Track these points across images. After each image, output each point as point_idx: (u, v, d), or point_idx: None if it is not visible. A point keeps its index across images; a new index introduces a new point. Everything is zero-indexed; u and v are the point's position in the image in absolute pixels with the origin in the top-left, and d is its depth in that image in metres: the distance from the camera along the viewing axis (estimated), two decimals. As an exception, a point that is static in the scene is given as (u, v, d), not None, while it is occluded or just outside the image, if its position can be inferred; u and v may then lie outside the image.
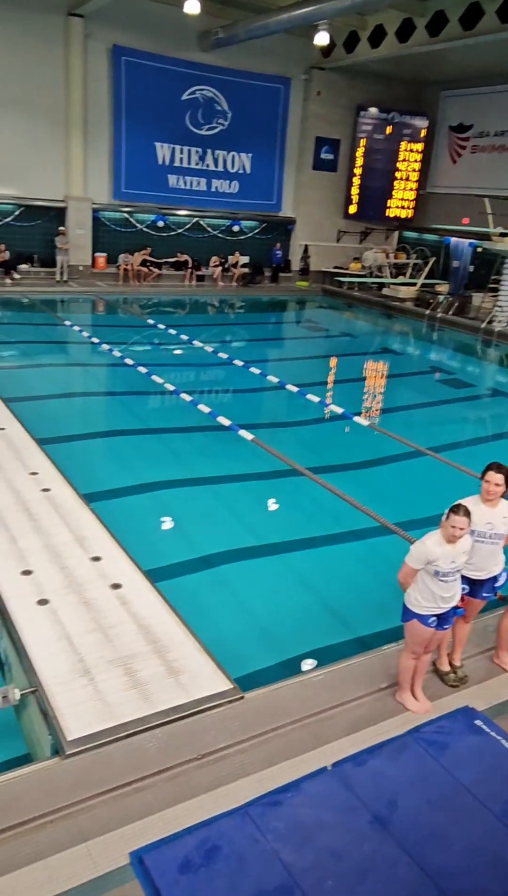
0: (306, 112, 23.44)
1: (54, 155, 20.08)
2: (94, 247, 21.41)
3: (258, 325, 19.99)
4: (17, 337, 15.56)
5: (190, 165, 22.24)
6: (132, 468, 8.55)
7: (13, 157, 19.44)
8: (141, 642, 4.34)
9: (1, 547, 5.30)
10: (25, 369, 12.99)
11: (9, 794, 3.25)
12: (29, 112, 19.32)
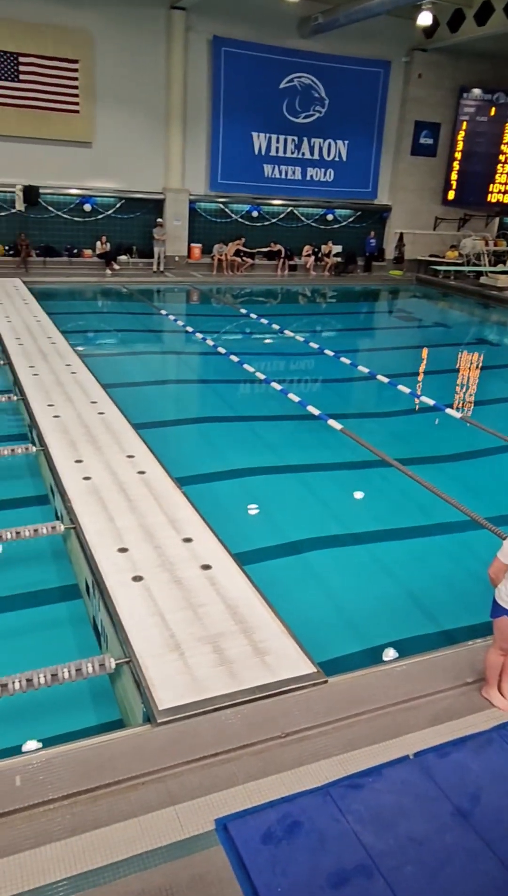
0: (405, 96, 22.93)
1: (155, 148, 20.56)
2: (189, 237, 21.83)
3: (350, 315, 19.82)
4: (116, 325, 16.14)
5: (286, 154, 22.24)
6: (222, 454, 8.74)
7: (116, 152, 20.05)
8: (229, 622, 4.48)
9: (100, 525, 5.58)
10: (123, 357, 13.48)
11: (106, 754, 3.47)
12: (132, 107, 19.85)
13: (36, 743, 4.02)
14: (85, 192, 20.39)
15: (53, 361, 10.49)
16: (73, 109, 19.29)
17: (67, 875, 2.88)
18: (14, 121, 18.83)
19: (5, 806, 3.14)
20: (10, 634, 5.23)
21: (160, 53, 19.74)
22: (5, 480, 7.58)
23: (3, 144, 18.97)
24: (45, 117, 19.08)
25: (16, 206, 19.57)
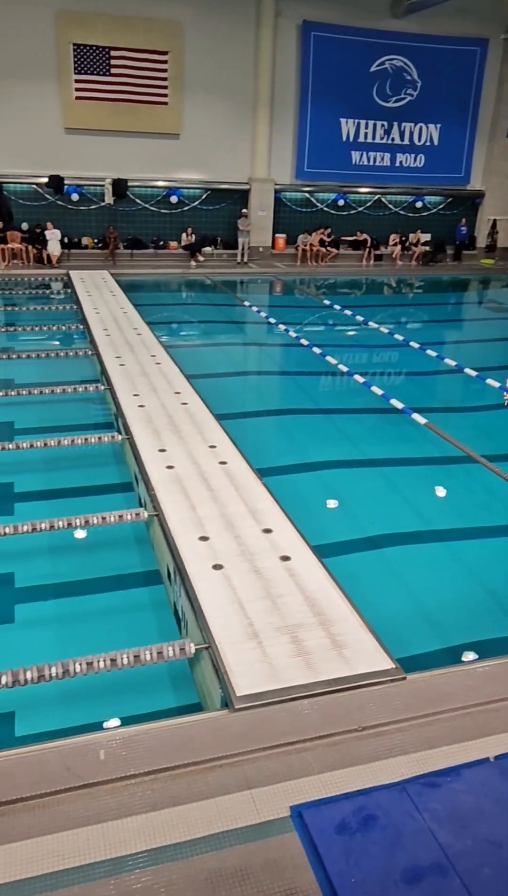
0: (503, 75, 22.15)
1: (241, 138, 20.72)
2: (274, 228, 21.90)
3: (437, 306, 19.38)
4: (200, 317, 16.42)
5: (374, 140, 21.95)
6: (303, 447, 8.79)
7: (203, 142, 20.34)
8: (307, 613, 4.53)
9: (182, 514, 5.74)
10: (207, 348, 13.71)
11: (185, 735, 3.60)
12: (219, 97, 20.06)
13: (116, 721, 4.21)
14: (171, 184, 20.79)
15: (139, 352, 10.80)
16: (161, 101, 19.68)
17: (146, 847, 3.02)
18: (105, 115, 19.40)
19: (90, 777, 3.32)
20: (95, 615, 5.49)
21: (249, 41, 19.83)
22: (92, 468, 7.90)
23: (93, 139, 19.58)
24: (135, 110, 19.56)
25: (105, 200, 20.19)
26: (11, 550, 6.08)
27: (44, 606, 5.63)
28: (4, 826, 3.06)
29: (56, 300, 16.29)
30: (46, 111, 19.13)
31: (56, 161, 19.52)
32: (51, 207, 20.14)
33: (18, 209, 20.03)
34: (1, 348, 12.47)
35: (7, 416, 9.40)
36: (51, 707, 4.47)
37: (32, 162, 19.41)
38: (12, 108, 18.86)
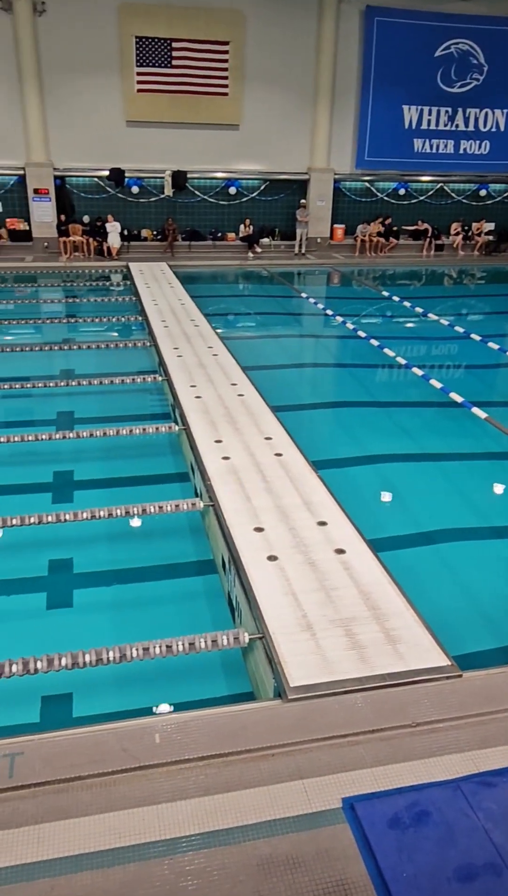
0: None
1: (300, 127, 20.60)
2: (333, 218, 21.72)
3: (500, 297, 18.88)
4: (257, 308, 16.44)
5: (438, 127, 21.50)
6: (359, 440, 8.73)
7: (262, 133, 20.30)
8: (361, 607, 4.52)
9: (237, 504, 5.80)
10: (263, 339, 13.73)
11: (238, 723, 3.65)
12: (280, 86, 19.98)
13: (168, 706, 4.30)
14: (230, 176, 20.83)
15: (196, 343, 10.91)
16: (222, 92, 19.73)
17: (199, 831, 3.08)
18: (166, 107, 19.57)
19: (146, 760, 3.40)
20: (150, 602, 5.60)
21: (311, 29, 19.66)
22: (149, 457, 8.04)
23: (154, 131, 19.79)
24: (195, 101, 19.66)
25: (164, 192, 20.39)
26: (71, 537, 6.25)
27: (101, 592, 5.77)
28: (64, 802, 3.17)
29: (115, 292, 16.58)
30: (108, 105, 19.42)
31: (117, 154, 19.81)
32: (111, 200, 20.46)
33: (80, 202, 20.43)
34: (62, 339, 12.76)
35: (68, 405, 9.65)
36: (107, 690, 4.59)
37: (94, 155, 19.75)
38: (76, 103, 19.22)
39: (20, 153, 19.44)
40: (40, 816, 3.09)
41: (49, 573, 5.92)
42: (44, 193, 19.67)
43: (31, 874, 2.85)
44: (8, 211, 20.10)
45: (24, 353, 11.42)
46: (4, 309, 15.28)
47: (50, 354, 11.80)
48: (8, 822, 3.06)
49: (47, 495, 7.15)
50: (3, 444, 7.70)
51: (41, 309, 15.49)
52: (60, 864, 2.90)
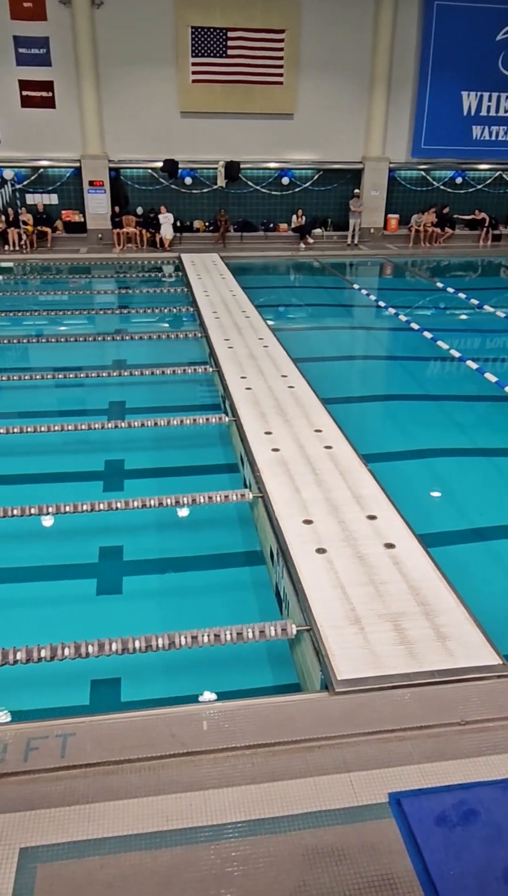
0: None
1: (355, 116, 20.37)
2: (387, 208, 21.44)
3: None
4: (308, 300, 16.37)
5: (498, 114, 20.97)
6: (410, 433, 8.63)
7: (316, 122, 20.14)
8: (411, 602, 4.48)
9: (286, 496, 5.81)
10: (314, 331, 13.67)
11: (285, 714, 3.67)
12: (335, 74, 19.78)
13: (212, 694, 4.35)
14: (283, 166, 20.75)
15: (247, 335, 10.93)
16: (276, 81, 19.64)
17: (245, 818, 3.12)
18: (220, 97, 19.59)
19: (194, 746, 3.46)
20: (198, 591, 5.66)
21: (368, 15, 19.39)
22: (199, 448, 8.11)
23: (208, 121, 19.84)
24: (249, 91, 19.62)
25: (217, 183, 20.43)
26: (121, 525, 6.36)
27: (149, 580, 5.87)
28: (113, 784, 3.25)
29: (167, 283, 16.73)
30: (163, 96, 19.54)
31: (171, 145, 19.94)
32: (165, 191, 20.62)
33: (134, 194, 20.65)
34: (115, 330, 12.96)
35: (119, 395, 9.80)
36: (154, 676, 4.67)
37: (148, 147, 19.93)
38: (131, 95, 19.40)
39: (76, 146, 19.74)
40: (91, 796, 3.18)
41: (99, 560, 6.04)
42: (98, 185, 19.95)
43: (81, 851, 2.93)
44: (64, 203, 20.46)
45: (77, 343, 11.64)
46: (59, 300, 15.59)
47: (102, 345, 12.00)
48: (60, 801, 3.15)
49: (99, 483, 7.30)
50: (56, 433, 7.88)
51: (94, 300, 15.73)
52: (109, 844, 2.97)
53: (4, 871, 2.84)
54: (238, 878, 2.85)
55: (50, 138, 19.61)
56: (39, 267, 18.04)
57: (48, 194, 20.34)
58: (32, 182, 20.14)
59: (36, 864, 2.87)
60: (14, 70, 18.91)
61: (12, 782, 3.25)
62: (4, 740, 3.46)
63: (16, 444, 7.91)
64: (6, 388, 10.05)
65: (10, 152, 19.70)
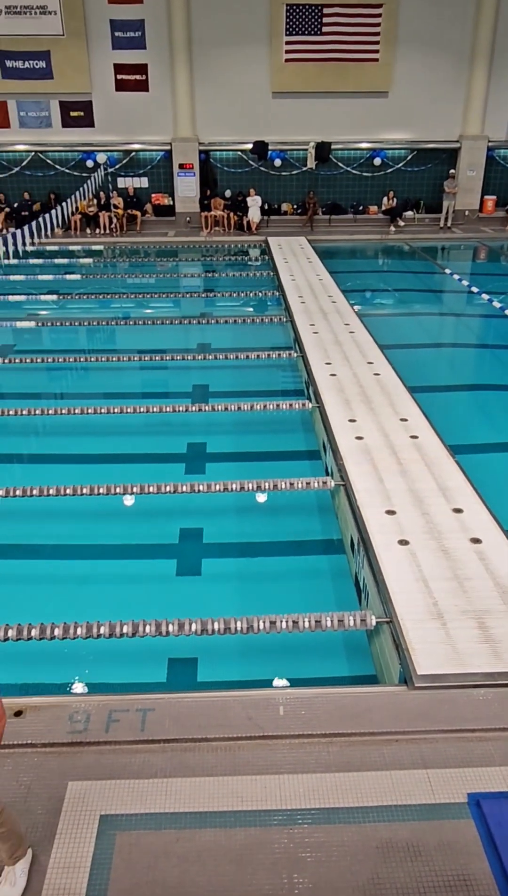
0: None
1: (453, 93, 19.73)
2: (483, 189, 20.69)
3: None
4: (396, 285, 16.05)
5: None
6: (500, 425, 8.37)
7: (412, 100, 19.64)
8: (496, 600, 4.36)
9: (369, 485, 5.75)
10: (402, 317, 13.41)
11: (363, 705, 3.67)
12: (433, 50, 19.20)
13: (284, 681, 4.38)
14: (375, 146, 20.35)
15: (333, 320, 10.83)
16: (372, 58, 19.23)
17: (319, 806, 3.14)
18: (313, 76, 19.36)
19: (270, 730, 3.50)
20: (275, 577, 5.70)
21: (471, -14, 18.68)
22: (281, 433, 8.13)
23: (299, 101, 19.65)
24: (343, 69, 19.29)
25: (307, 164, 20.25)
26: (202, 507, 6.47)
27: (227, 563, 5.95)
28: (190, 760, 3.34)
29: (253, 267, 16.77)
30: (255, 76, 19.49)
31: (261, 127, 19.89)
32: (253, 174, 20.62)
33: (222, 176, 20.75)
34: (200, 313, 13.12)
35: (203, 379, 9.94)
36: (230, 658, 4.74)
37: (239, 129, 19.95)
38: (223, 76, 19.45)
39: (167, 129, 20.00)
40: (169, 771, 3.27)
41: (180, 541, 6.17)
42: (188, 168, 20.16)
43: (158, 824, 3.03)
44: (154, 186, 20.80)
45: (162, 326, 11.87)
46: (146, 283, 15.93)
47: (187, 328, 12.18)
48: (138, 773, 3.26)
49: (181, 465, 7.44)
50: (141, 415, 8.07)
51: (180, 283, 15.97)
52: (185, 819, 3.06)
53: (85, 835, 2.97)
54: (311, 864, 2.88)
55: (142, 122, 19.95)
56: (128, 250, 18.44)
57: (139, 178, 20.72)
58: (124, 166, 20.57)
59: (115, 832, 2.98)
60: (110, 54, 19.31)
61: (94, 751, 3.39)
62: (88, 710, 3.61)
63: (101, 425, 8.17)
64: (93, 370, 10.36)
65: (103, 136, 20.17)
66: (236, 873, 2.84)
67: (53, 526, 6.33)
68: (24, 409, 7.97)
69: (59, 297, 13.70)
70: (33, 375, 10.22)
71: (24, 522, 6.40)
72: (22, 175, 20.69)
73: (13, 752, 3.38)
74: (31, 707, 3.65)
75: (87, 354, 11.07)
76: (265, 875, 2.84)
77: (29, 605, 5.20)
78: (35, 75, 19.48)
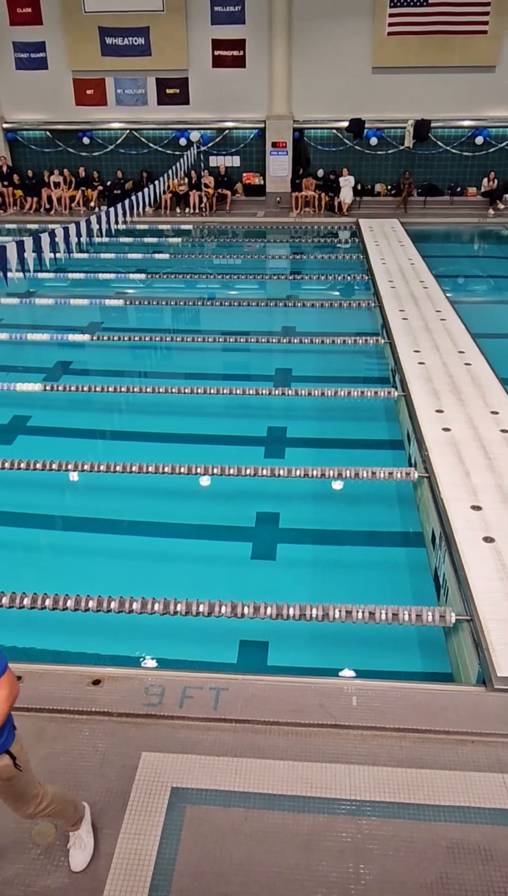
0: None
1: None
2: None
3: None
4: (493, 271, 15.55)
5: None
6: None
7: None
8: None
9: (455, 479, 5.64)
10: (498, 305, 13.00)
11: (438, 703, 3.64)
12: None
13: (347, 670, 4.39)
14: (479, 124, 19.63)
15: (424, 306, 10.61)
16: (480, 30, 18.50)
17: (389, 800, 3.15)
18: (416, 50, 18.81)
19: (342, 720, 3.53)
20: (351, 567, 5.70)
21: None
22: (363, 421, 8.07)
23: (400, 77, 19.16)
24: (448, 42, 18.66)
25: (404, 143, 19.79)
26: (280, 492, 6.52)
27: (302, 549, 5.98)
28: (261, 743, 3.40)
29: (343, 249, 16.59)
30: (355, 51, 19.11)
31: (359, 103, 19.53)
32: (348, 153, 20.31)
33: (315, 155, 20.54)
34: (285, 296, 13.10)
35: (286, 362, 9.96)
36: (300, 644, 4.78)
37: (336, 106, 19.65)
38: (322, 51, 19.17)
39: (262, 106, 19.93)
40: (239, 751, 3.35)
41: (256, 524, 6.24)
42: (281, 147, 20.06)
43: (227, 801, 3.12)
44: (245, 165, 20.81)
45: (247, 308, 11.92)
46: (232, 264, 16.01)
47: (272, 310, 12.19)
48: (210, 750, 3.36)
49: (260, 449, 7.49)
50: (222, 396, 8.18)
51: (267, 265, 15.97)
52: (254, 799, 3.13)
53: (157, 806, 3.09)
54: (378, 857, 2.89)
55: (237, 99, 19.94)
56: (216, 230, 18.57)
57: (231, 156, 20.77)
58: (216, 144, 20.66)
59: (185, 805, 3.09)
60: (209, 29, 19.35)
61: (167, 725, 3.50)
62: (163, 685, 3.73)
63: (182, 405, 8.32)
64: (176, 349, 10.54)
65: (197, 114, 20.30)
66: (302, 857, 2.89)
67: (132, 502, 6.52)
68: (110, 387, 8.20)
69: (147, 276, 13.96)
70: (119, 353, 10.50)
71: (105, 497, 6.63)
72: (116, 153, 21.11)
73: (90, 718, 3.54)
74: (108, 677, 3.81)
75: (171, 334, 11.27)
76: (332, 862, 2.88)
77: (107, 578, 5.40)
78: (133, 52, 19.77)
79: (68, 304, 12.20)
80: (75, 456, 6.56)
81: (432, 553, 5.46)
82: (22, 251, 8.88)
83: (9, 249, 8.53)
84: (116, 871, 2.83)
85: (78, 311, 12.03)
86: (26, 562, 5.86)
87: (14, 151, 21.46)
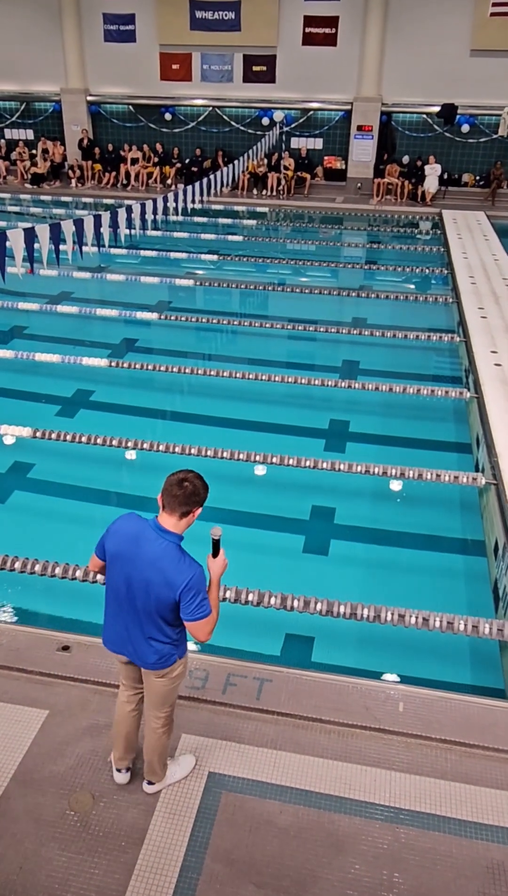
0: None
1: None
2: None
3: None
4: None
5: None
6: None
7: None
8: None
9: (524, 488, 5.51)
10: None
11: (489, 718, 3.59)
12: None
13: (393, 675, 4.37)
14: None
15: (505, 306, 10.36)
16: None
17: (430, 811, 3.14)
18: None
19: (387, 724, 3.52)
20: (405, 570, 5.66)
21: None
22: (430, 421, 7.96)
23: (500, 61, 18.62)
24: (554, 28, 18.05)
25: (499, 132, 19.26)
26: (338, 487, 6.50)
27: (356, 547, 5.95)
28: (302, 738, 3.43)
29: (422, 241, 16.31)
30: (454, 32, 18.66)
31: (452, 88, 19.08)
32: (437, 140, 19.90)
33: (402, 141, 20.19)
34: (359, 286, 12.98)
35: (354, 355, 9.89)
36: (346, 642, 4.77)
37: (428, 89, 19.25)
38: (418, 31, 18.78)
39: (350, 87, 19.69)
40: (279, 743, 3.39)
41: (310, 518, 6.24)
42: (367, 130, 19.80)
43: (263, 792, 3.16)
44: (327, 148, 20.63)
45: (317, 296, 11.85)
46: (306, 249, 15.94)
47: (343, 300, 12.10)
48: (250, 739, 3.41)
49: (320, 441, 7.48)
50: (285, 384, 8.18)
51: (342, 253, 15.84)
52: (290, 794, 3.16)
53: (193, 789, 3.15)
54: (414, 867, 2.89)
55: (325, 79, 19.75)
56: (293, 214, 18.51)
57: (314, 138, 20.63)
58: (300, 125, 20.54)
59: (222, 791, 3.14)
60: (301, 6, 19.19)
61: (208, 710, 3.57)
62: (207, 669, 3.79)
63: (243, 390, 8.36)
64: (241, 334, 10.58)
65: (282, 93, 20.21)
66: (334, 858, 2.91)
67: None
68: (174, 367, 8.31)
69: (219, 258, 14.04)
70: (184, 334, 10.61)
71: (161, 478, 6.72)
72: (197, 130, 21.22)
73: (134, 695, 3.62)
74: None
75: (238, 318, 11.32)
76: (365, 867, 2.89)
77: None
78: (223, 27, 19.78)
79: (138, 282, 12.37)
80: (135, 434, 6.68)
81: (493, 563, 5.37)
82: (99, 225, 9.05)
83: (85, 223, 8.71)
84: (149, 848, 2.91)
85: (147, 289, 12.20)
86: (82, 536, 6.01)
87: (95, 125, 21.80)
